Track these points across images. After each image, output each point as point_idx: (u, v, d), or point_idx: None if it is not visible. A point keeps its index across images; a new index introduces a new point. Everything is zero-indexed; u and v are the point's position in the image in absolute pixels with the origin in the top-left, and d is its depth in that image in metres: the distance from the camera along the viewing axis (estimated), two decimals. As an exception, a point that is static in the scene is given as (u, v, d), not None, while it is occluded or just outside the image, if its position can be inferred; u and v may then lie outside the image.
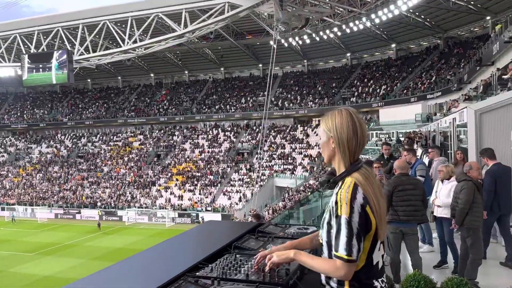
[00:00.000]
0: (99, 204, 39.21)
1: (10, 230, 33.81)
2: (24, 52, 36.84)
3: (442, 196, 5.57)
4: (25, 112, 55.40)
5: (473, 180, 4.88)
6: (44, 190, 42.97)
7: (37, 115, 54.45)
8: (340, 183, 1.73)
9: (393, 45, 41.90)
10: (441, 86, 30.28)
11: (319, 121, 41.22)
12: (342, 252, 1.63)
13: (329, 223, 1.72)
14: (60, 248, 27.26)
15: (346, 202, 1.63)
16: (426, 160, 8.28)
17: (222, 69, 51.15)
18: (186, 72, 53.02)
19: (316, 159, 36.51)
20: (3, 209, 40.76)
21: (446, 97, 28.10)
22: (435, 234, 6.22)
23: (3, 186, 44.89)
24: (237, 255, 2.03)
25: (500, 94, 11.55)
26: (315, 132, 40.24)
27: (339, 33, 37.15)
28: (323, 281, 1.77)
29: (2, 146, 52.45)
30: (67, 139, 51.73)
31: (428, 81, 33.32)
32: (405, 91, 35.12)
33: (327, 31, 36.52)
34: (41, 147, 51.24)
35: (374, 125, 35.07)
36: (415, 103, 31.73)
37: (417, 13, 34.15)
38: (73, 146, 50.23)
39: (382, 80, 40.02)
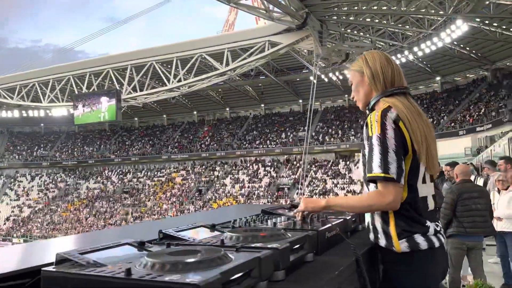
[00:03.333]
0: (141, 239, 39.75)
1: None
2: (76, 92, 39.30)
3: (502, 207, 4.96)
4: (76, 149, 58.38)
5: None
6: (90, 225, 44.25)
7: (86, 152, 57.16)
8: None
9: (438, 78, 40.89)
10: (491, 118, 28.89)
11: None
12: (376, 170, 1.43)
13: (363, 155, 1.60)
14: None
15: (376, 120, 1.52)
16: (480, 181, 7.76)
17: (262, 105, 51.87)
18: (227, 109, 54.20)
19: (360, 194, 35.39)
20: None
21: (497, 129, 26.71)
22: (492, 259, 5.57)
23: (52, 221, 46.73)
24: (265, 216, 1.80)
25: None
26: (357, 167, 39.23)
27: (380, 68, 36.85)
28: (370, 224, 1.58)
29: (53, 182, 55.12)
30: (113, 175, 53.63)
31: (477, 113, 31.94)
32: (452, 124, 33.79)
33: (368, 66, 36.34)
34: (89, 183, 53.34)
35: (420, 159, 33.71)
36: (464, 136, 30.37)
37: (462, 45, 33.34)
38: (119, 182, 51.90)
39: (427, 113, 38.73)
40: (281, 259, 1.05)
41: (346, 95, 47.16)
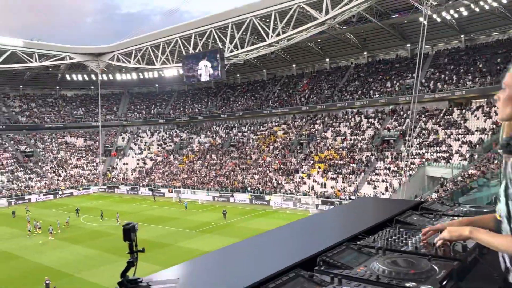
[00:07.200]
0: (249, 189, 42.19)
1: (177, 210, 39.01)
2: (184, 53, 41.74)
3: None
4: (186, 107, 62.98)
5: None
6: (203, 175, 48.27)
7: (196, 109, 61.35)
8: None
9: None
10: None
11: (481, 103, 36.37)
12: None
13: (509, 193, 1.37)
14: (217, 228, 30.32)
15: None
16: None
17: (365, 53, 49.22)
18: (327, 59, 52.66)
19: (477, 146, 32.35)
20: (170, 191, 47.21)
21: None
22: None
23: (171, 171, 52.00)
24: (401, 229, 1.84)
25: None
26: (475, 116, 35.64)
27: (504, 1, 31.94)
28: (508, 264, 1.42)
29: (170, 137, 60.71)
30: (220, 130, 56.97)
31: None
32: None
33: (489, 0, 31.75)
34: (200, 138, 57.59)
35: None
36: None
37: None
38: (226, 136, 55.05)
39: None
40: None
41: (462, 35, 42.21)
